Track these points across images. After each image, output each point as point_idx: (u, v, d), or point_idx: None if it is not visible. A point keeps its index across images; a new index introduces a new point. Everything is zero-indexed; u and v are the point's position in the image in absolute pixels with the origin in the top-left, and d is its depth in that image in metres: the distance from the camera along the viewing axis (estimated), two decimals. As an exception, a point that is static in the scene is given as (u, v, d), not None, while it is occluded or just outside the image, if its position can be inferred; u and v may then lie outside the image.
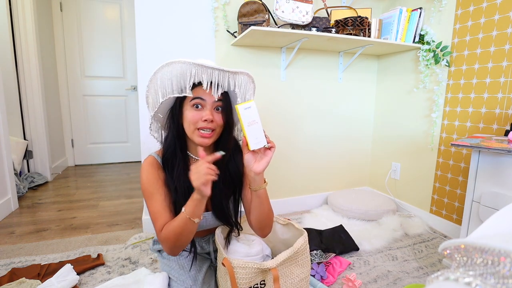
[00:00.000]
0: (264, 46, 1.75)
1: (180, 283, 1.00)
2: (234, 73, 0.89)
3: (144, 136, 1.58)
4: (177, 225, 0.82)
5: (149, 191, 0.91)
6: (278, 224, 1.13)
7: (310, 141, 2.00)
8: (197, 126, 0.88)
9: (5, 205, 1.86)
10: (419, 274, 1.29)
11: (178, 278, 1.01)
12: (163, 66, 0.86)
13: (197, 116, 0.87)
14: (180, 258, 1.06)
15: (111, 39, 3.19)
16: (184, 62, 0.83)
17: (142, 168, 0.94)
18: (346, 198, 1.90)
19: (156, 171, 0.93)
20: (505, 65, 1.38)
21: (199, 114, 0.87)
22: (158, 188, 0.91)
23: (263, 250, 1.02)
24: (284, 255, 0.88)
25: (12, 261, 1.32)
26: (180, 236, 0.83)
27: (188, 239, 0.86)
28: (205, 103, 0.88)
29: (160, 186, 0.91)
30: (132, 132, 3.43)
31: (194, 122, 0.88)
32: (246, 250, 0.98)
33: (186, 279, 1.00)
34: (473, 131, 1.53)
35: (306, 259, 0.95)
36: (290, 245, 0.94)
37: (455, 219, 1.64)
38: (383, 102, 2.09)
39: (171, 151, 0.93)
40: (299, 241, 0.93)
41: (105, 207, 2.05)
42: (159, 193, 0.90)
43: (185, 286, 0.99)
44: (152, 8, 1.50)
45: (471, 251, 0.28)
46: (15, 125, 2.46)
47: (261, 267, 0.84)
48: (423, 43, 1.72)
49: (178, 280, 1.01)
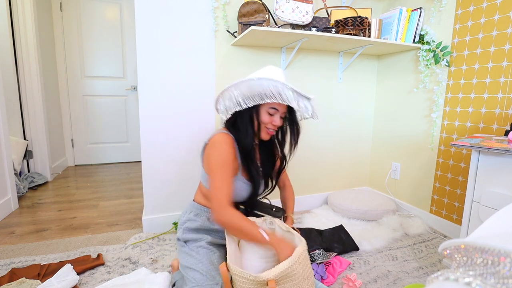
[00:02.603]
0: (264, 46, 1.75)
1: (210, 278, 0.98)
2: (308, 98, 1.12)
3: (144, 136, 1.58)
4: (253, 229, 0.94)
5: (224, 161, 1.03)
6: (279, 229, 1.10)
7: (310, 141, 2.00)
8: (267, 126, 1.10)
9: (5, 205, 1.86)
10: (419, 274, 1.29)
11: (208, 273, 1.00)
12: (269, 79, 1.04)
13: (270, 120, 1.09)
14: (211, 254, 1.06)
15: (111, 39, 3.19)
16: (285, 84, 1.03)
17: (220, 141, 1.06)
18: (346, 198, 1.90)
19: (233, 150, 1.08)
20: (505, 65, 1.38)
21: (271, 119, 1.09)
22: (232, 162, 1.05)
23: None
24: (283, 266, 0.82)
25: (12, 261, 1.32)
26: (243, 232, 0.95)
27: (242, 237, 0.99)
28: (277, 112, 1.10)
29: (232, 163, 1.05)
30: (132, 132, 3.43)
31: (266, 123, 1.10)
32: (263, 251, 0.96)
33: (217, 276, 0.99)
34: (473, 131, 1.53)
35: (308, 270, 0.89)
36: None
37: (455, 219, 1.64)
38: (383, 102, 2.09)
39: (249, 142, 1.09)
40: (298, 251, 0.87)
41: (105, 207, 2.05)
42: (230, 170, 1.03)
43: (216, 281, 0.98)
44: (152, 8, 1.50)
45: (471, 251, 0.28)
46: (15, 125, 2.46)
47: (256, 279, 0.79)
48: (423, 43, 1.72)
49: (208, 275, 0.99)
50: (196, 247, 1.08)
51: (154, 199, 1.65)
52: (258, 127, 1.10)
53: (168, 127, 1.61)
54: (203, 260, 1.03)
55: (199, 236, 1.12)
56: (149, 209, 1.66)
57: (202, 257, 1.04)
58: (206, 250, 1.07)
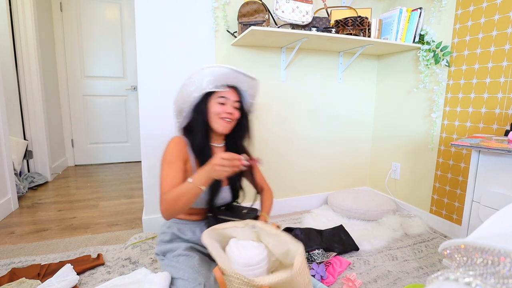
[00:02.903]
0: (264, 46, 1.75)
1: (192, 280, 0.99)
2: (253, 78, 1.15)
3: (144, 136, 1.58)
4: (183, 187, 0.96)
5: (169, 159, 1.06)
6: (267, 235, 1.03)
7: (310, 141, 2.00)
8: (221, 116, 1.10)
9: (5, 205, 1.86)
10: (419, 274, 1.29)
11: (189, 277, 1.01)
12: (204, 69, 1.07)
13: (222, 109, 1.09)
14: (190, 259, 1.07)
15: (111, 39, 3.19)
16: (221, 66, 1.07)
17: (170, 142, 1.11)
18: (346, 198, 1.90)
19: (183, 148, 1.10)
20: (505, 65, 1.38)
21: (223, 108, 1.09)
22: (179, 160, 1.07)
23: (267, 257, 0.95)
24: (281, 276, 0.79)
25: (12, 261, 1.32)
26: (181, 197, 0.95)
27: (186, 203, 0.97)
28: (228, 101, 1.10)
29: (180, 160, 1.07)
30: (132, 132, 3.43)
31: (218, 113, 1.10)
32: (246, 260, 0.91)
33: (198, 277, 1.00)
34: (473, 131, 1.53)
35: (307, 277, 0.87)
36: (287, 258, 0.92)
37: (455, 219, 1.64)
38: (383, 102, 2.09)
39: (199, 138, 1.11)
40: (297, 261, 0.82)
41: (105, 207, 2.05)
42: (177, 165, 1.05)
43: (198, 282, 0.98)
44: (152, 8, 1.50)
45: (471, 251, 0.28)
46: (15, 125, 2.46)
47: (251, 283, 0.78)
48: (423, 43, 1.72)
49: (190, 279, 1.00)
50: (175, 256, 1.11)
51: (154, 199, 1.65)
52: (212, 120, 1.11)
53: (168, 127, 1.61)
54: (183, 267, 1.05)
55: (175, 245, 1.14)
56: (149, 209, 1.66)
57: (181, 265, 1.06)
58: (185, 257, 1.09)
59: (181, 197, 0.96)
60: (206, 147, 1.12)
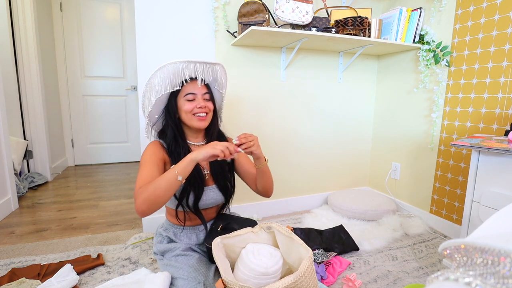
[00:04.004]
0: (264, 46, 1.75)
1: (192, 279, 1.00)
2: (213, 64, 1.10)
3: (144, 136, 1.58)
4: (161, 177, 0.92)
5: (147, 160, 1.04)
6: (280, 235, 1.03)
7: (310, 141, 2.00)
8: (193, 112, 1.08)
9: (5, 205, 1.86)
10: (419, 274, 1.29)
11: (189, 276, 1.01)
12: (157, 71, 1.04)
13: (192, 106, 1.07)
14: (189, 259, 1.08)
15: (111, 39, 3.19)
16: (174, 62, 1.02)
17: (148, 146, 1.10)
18: (346, 198, 1.90)
19: (160, 151, 1.09)
20: (505, 65, 1.38)
21: (193, 104, 1.07)
22: (156, 161, 1.04)
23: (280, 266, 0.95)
24: (286, 281, 0.78)
25: (12, 261, 1.32)
26: (159, 187, 0.90)
27: (164, 195, 0.91)
28: (196, 96, 1.08)
29: (158, 161, 1.05)
30: (132, 132, 3.43)
31: (190, 111, 1.07)
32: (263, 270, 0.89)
33: (198, 276, 1.00)
34: (473, 131, 1.53)
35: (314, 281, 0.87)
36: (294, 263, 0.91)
37: (455, 219, 1.64)
38: (383, 102, 2.09)
39: (173, 140, 1.09)
40: (304, 264, 0.82)
41: (105, 207, 2.05)
42: (154, 166, 1.03)
43: (197, 281, 0.99)
44: (152, 8, 1.50)
45: (471, 251, 0.28)
46: (15, 125, 2.46)
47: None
48: (423, 43, 1.72)
49: (189, 278, 1.00)
50: (173, 256, 1.11)
51: (154, 199, 1.65)
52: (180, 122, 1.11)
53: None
54: (182, 266, 1.06)
55: (173, 245, 1.15)
56: (149, 209, 1.66)
57: (180, 264, 1.07)
58: (184, 257, 1.10)
59: (158, 186, 0.91)
60: (180, 147, 1.09)
